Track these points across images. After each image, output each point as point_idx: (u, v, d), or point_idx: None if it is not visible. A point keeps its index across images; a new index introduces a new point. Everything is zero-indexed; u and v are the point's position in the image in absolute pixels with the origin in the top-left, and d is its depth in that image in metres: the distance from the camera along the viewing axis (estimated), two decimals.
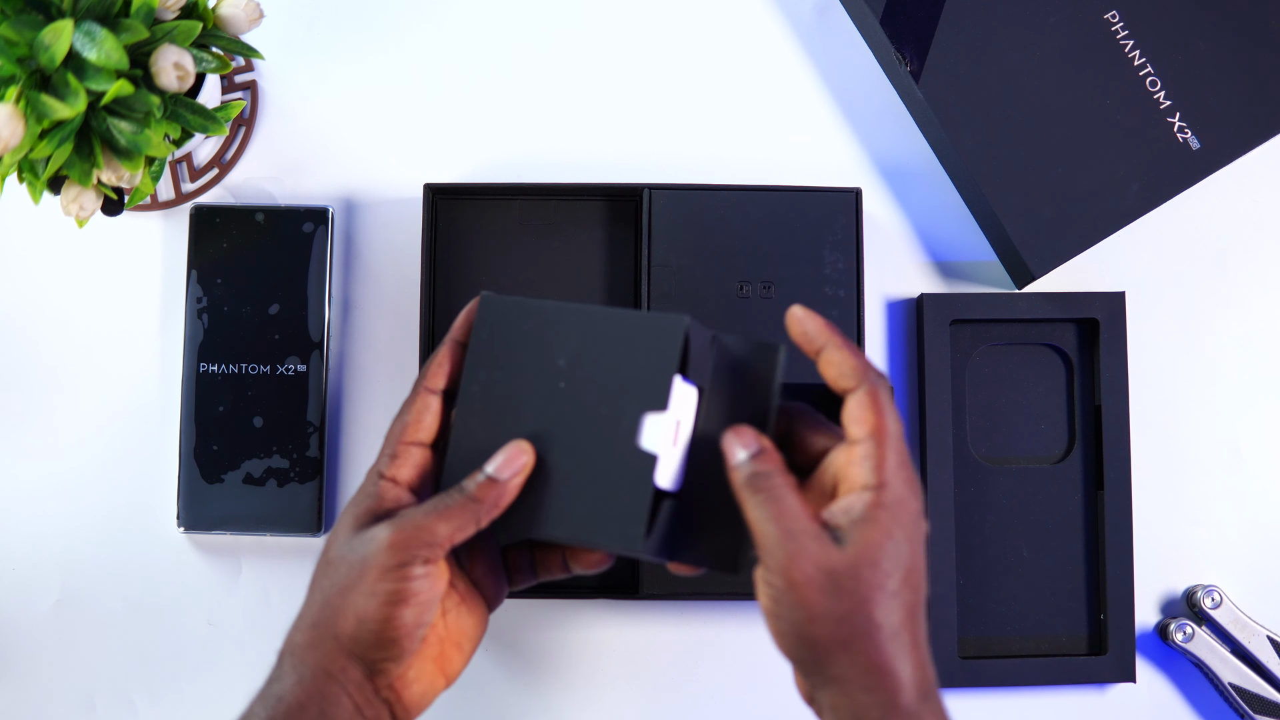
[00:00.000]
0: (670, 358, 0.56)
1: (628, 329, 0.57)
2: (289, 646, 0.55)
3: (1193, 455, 0.75)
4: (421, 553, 0.53)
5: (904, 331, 0.75)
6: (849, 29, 0.77)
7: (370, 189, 0.75)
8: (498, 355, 0.58)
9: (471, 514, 0.55)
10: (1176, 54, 0.73)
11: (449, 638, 0.57)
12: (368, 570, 0.53)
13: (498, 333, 0.58)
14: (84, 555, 0.72)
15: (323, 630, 0.54)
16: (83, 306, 0.74)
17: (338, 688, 0.54)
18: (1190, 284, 0.76)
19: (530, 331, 0.58)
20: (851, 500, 0.52)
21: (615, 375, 0.57)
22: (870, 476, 0.52)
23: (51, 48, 0.55)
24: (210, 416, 0.72)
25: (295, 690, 0.54)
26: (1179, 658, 0.74)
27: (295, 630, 0.56)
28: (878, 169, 0.76)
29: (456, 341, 0.59)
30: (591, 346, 0.57)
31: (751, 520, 0.53)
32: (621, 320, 0.57)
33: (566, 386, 0.57)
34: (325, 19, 0.76)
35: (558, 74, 0.76)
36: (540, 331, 0.58)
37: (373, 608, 0.53)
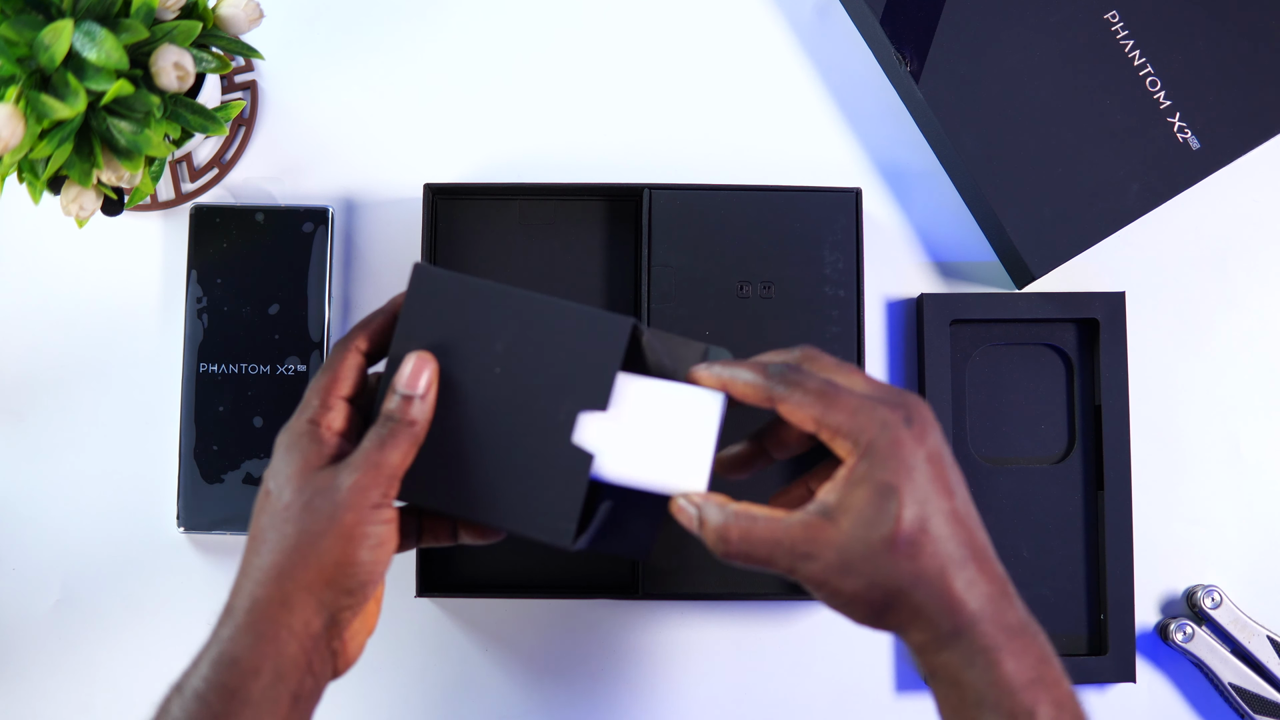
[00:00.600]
0: (613, 358, 0.56)
1: (572, 323, 0.57)
2: (246, 603, 0.53)
3: (1193, 455, 0.75)
4: (388, 489, 0.54)
5: (904, 331, 0.75)
6: (849, 29, 0.77)
7: (370, 189, 0.75)
8: (430, 329, 0.58)
9: (408, 436, 0.55)
10: (1176, 54, 0.73)
11: None
12: (342, 514, 0.53)
13: (431, 306, 0.58)
14: (84, 556, 0.72)
15: (293, 581, 0.53)
16: (83, 306, 0.74)
17: (296, 645, 0.53)
18: (1190, 284, 0.76)
19: (467, 311, 0.58)
20: (838, 473, 0.53)
21: (555, 369, 0.56)
22: (844, 445, 0.52)
23: (51, 48, 0.55)
24: (210, 417, 0.72)
25: (250, 652, 0.52)
26: (1179, 658, 0.74)
27: (253, 584, 0.54)
28: (878, 169, 0.76)
29: (393, 313, 0.59)
30: (532, 336, 0.57)
31: (751, 564, 0.53)
32: (566, 313, 0.57)
33: (502, 373, 0.57)
34: (325, 19, 0.76)
35: (558, 74, 0.76)
36: (477, 312, 0.57)
37: (351, 551, 0.53)
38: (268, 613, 0.53)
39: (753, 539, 0.53)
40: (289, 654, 0.53)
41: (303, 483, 0.54)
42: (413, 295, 0.58)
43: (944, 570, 0.51)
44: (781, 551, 0.52)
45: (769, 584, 0.72)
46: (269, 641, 0.53)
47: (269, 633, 0.53)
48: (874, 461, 0.52)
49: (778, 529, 0.52)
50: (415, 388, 0.56)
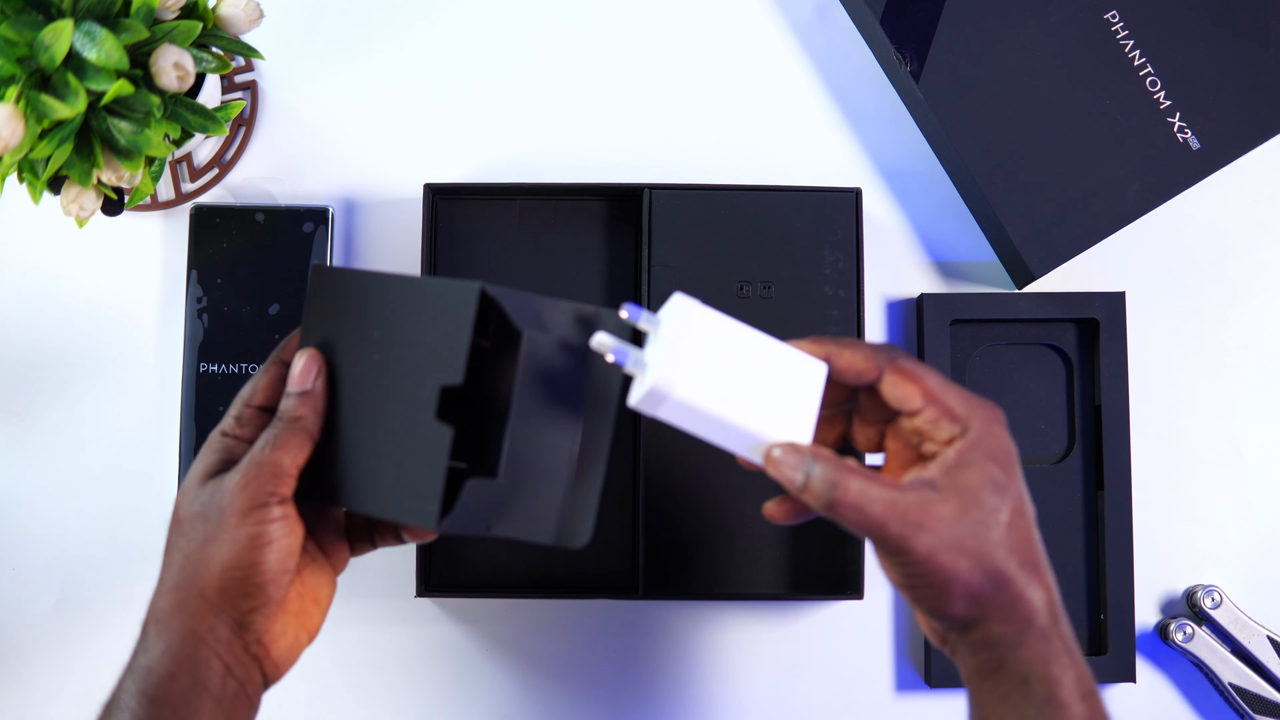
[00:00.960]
0: (464, 327, 0.53)
1: (428, 298, 0.55)
2: (152, 615, 0.55)
3: (1193, 455, 0.75)
4: (272, 488, 0.54)
5: (904, 331, 0.75)
6: (849, 29, 0.77)
7: (370, 189, 0.75)
8: (326, 325, 0.58)
9: (300, 434, 0.55)
10: (1176, 54, 0.72)
11: (307, 593, 0.57)
12: (225, 518, 0.54)
13: (327, 303, 0.58)
14: (84, 555, 0.72)
15: (188, 590, 0.54)
16: (83, 306, 0.74)
17: (207, 650, 0.54)
18: (1190, 284, 0.76)
19: (352, 302, 0.57)
20: (946, 452, 0.52)
21: (420, 346, 0.55)
22: (951, 426, 0.52)
23: (51, 48, 0.55)
24: (210, 416, 0.72)
25: (164, 660, 0.53)
26: (1179, 658, 0.73)
27: (157, 597, 0.55)
28: (878, 169, 0.76)
29: None
30: (399, 316, 0.56)
31: (856, 527, 0.51)
32: (421, 289, 0.56)
33: (380, 358, 0.56)
34: (326, 19, 0.76)
35: (558, 74, 0.76)
36: (360, 302, 0.57)
37: (236, 553, 0.53)
38: (173, 623, 0.54)
39: (869, 498, 0.51)
40: (201, 658, 0.54)
41: (196, 492, 0.55)
42: (310, 296, 0.58)
43: (1040, 566, 0.52)
44: (895, 516, 0.51)
45: (769, 584, 0.72)
46: (179, 648, 0.54)
47: (176, 641, 0.54)
48: (984, 450, 0.52)
49: (895, 493, 0.51)
50: (303, 384, 0.56)
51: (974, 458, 0.52)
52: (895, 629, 0.73)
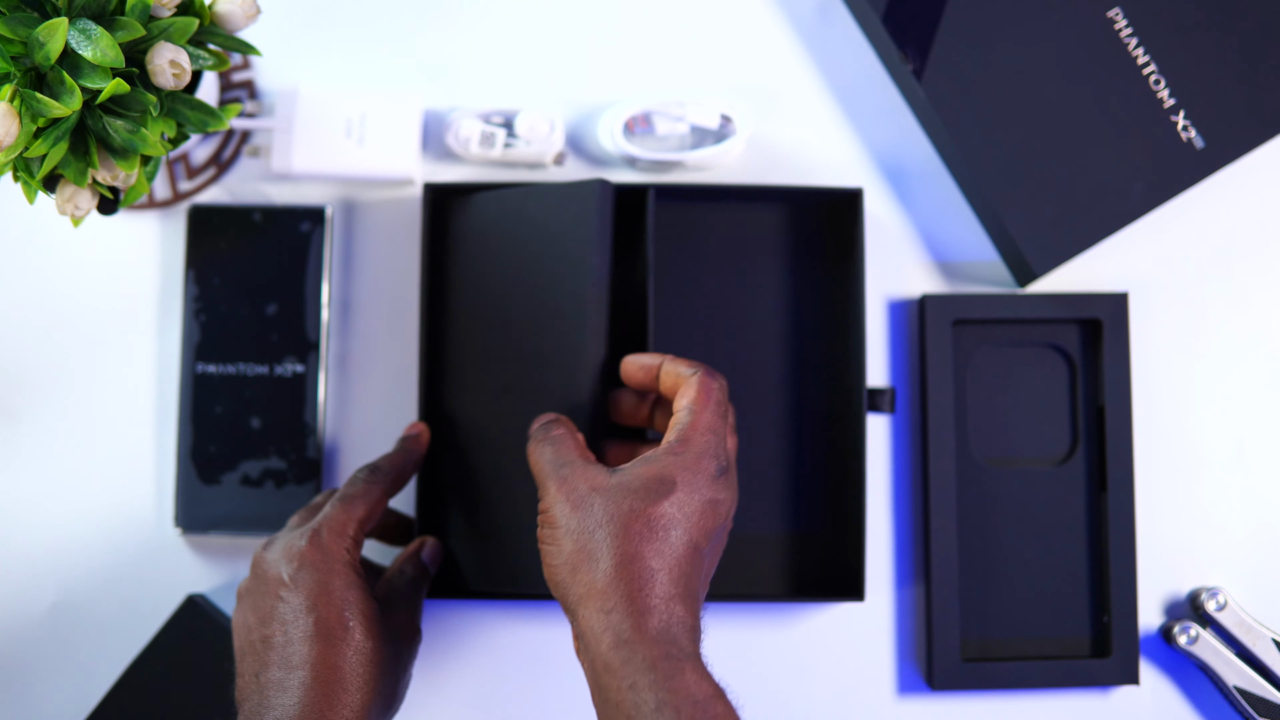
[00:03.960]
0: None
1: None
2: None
3: (1196, 456, 0.74)
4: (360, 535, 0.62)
5: (906, 332, 0.74)
6: (851, 28, 0.76)
7: (369, 189, 0.74)
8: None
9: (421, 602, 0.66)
10: (1180, 52, 0.72)
11: None
12: (408, 668, 0.62)
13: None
14: (80, 557, 0.72)
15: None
16: (79, 306, 0.73)
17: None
18: (1194, 284, 0.75)
19: None
20: (653, 450, 0.56)
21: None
22: (673, 435, 0.57)
23: (47, 45, 0.55)
24: (207, 417, 0.71)
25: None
26: (1183, 660, 0.73)
27: None
28: (880, 168, 0.75)
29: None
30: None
31: (530, 462, 0.58)
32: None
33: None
34: (323, 16, 0.76)
35: (557, 73, 0.76)
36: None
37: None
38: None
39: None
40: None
41: (382, 628, 0.59)
42: None
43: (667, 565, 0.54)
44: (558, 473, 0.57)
45: (770, 586, 0.72)
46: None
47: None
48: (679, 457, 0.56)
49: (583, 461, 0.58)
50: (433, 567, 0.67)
51: (669, 464, 0.55)
52: (897, 631, 0.73)
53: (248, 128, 0.73)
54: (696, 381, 0.58)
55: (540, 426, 0.60)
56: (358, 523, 0.61)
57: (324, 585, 0.58)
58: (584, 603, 0.52)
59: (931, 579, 0.71)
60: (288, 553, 0.59)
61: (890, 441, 0.74)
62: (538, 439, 0.59)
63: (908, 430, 0.74)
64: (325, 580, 0.58)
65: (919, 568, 0.73)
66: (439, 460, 0.68)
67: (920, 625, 0.73)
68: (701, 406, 0.57)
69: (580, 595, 0.52)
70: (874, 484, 0.73)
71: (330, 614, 0.57)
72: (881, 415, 0.74)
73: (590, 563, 0.52)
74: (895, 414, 0.74)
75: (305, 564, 0.58)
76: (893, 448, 0.74)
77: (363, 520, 0.61)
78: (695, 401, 0.57)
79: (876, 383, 0.74)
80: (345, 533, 0.60)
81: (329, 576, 0.58)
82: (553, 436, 0.58)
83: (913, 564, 0.73)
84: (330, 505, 0.61)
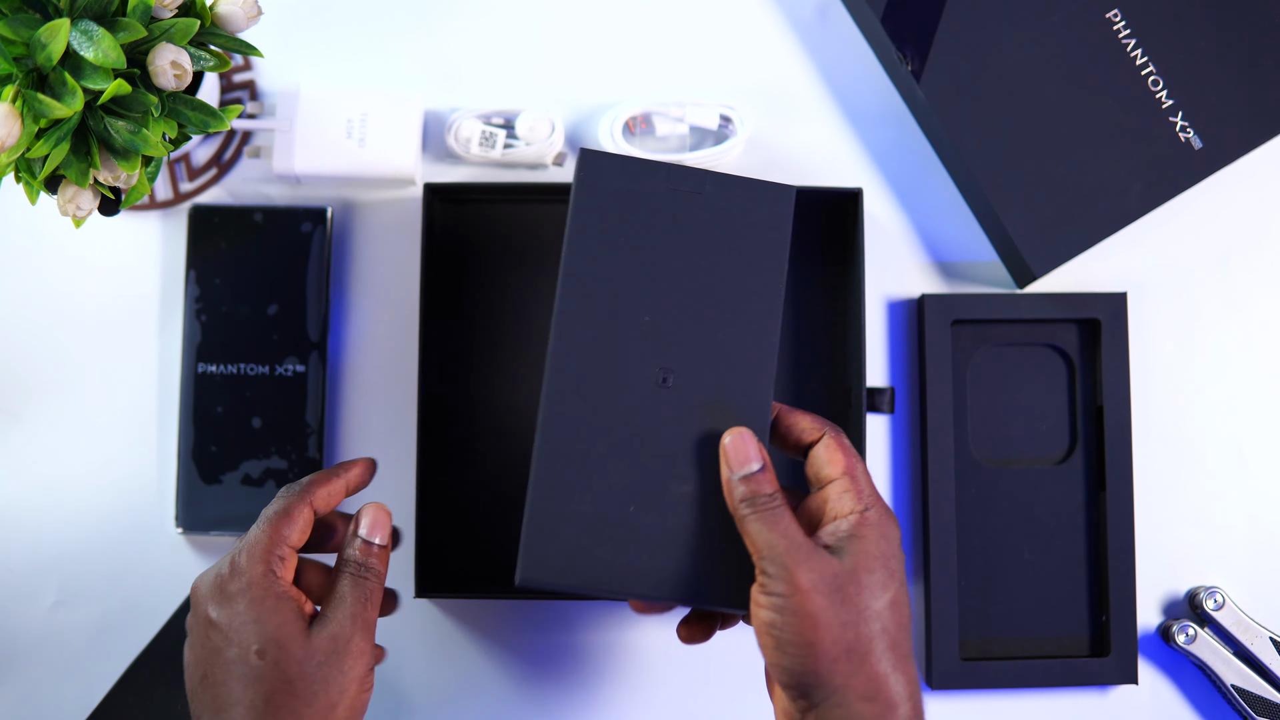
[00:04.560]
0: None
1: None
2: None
3: (1195, 456, 0.75)
4: (372, 645, 0.58)
5: (905, 332, 0.75)
6: (850, 29, 0.76)
7: (370, 189, 0.75)
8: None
9: (380, 586, 0.59)
10: (1178, 53, 0.72)
11: None
12: (348, 682, 0.56)
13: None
14: (82, 557, 0.72)
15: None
16: (80, 306, 0.73)
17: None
18: (1192, 284, 0.76)
19: None
20: (839, 523, 0.55)
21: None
22: (854, 503, 0.55)
23: (48, 46, 0.55)
24: (209, 417, 0.71)
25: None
26: (1181, 659, 0.73)
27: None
28: (879, 169, 0.76)
29: (343, 484, 0.62)
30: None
31: (751, 534, 0.54)
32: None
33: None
34: (324, 17, 0.76)
35: (557, 74, 0.76)
36: None
37: (356, 713, 0.57)
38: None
39: (783, 516, 0.54)
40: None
41: (301, 653, 0.55)
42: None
43: (908, 658, 0.54)
44: (792, 543, 0.54)
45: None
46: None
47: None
48: (880, 531, 0.55)
49: (800, 531, 0.54)
50: (384, 537, 0.60)
51: (870, 534, 0.54)
52: None
53: (249, 128, 0.74)
54: (834, 445, 0.57)
55: (762, 497, 0.55)
56: (280, 541, 0.57)
57: (244, 617, 0.56)
58: (842, 692, 0.52)
59: (930, 578, 0.71)
60: (213, 585, 0.57)
61: (889, 441, 0.74)
62: (762, 511, 0.54)
63: (907, 430, 0.74)
64: (246, 611, 0.56)
65: (918, 567, 0.73)
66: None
67: (919, 624, 0.73)
68: (853, 468, 0.56)
69: (838, 685, 0.52)
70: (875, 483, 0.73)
71: (248, 648, 0.55)
72: (881, 415, 0.74)
73: (851, 655, 0.52)
74: (894, 414, 0.74)
75: (226, 596, 0.56)
76: (892, 448, 0.74)
77: (286, 537, 0.58)
78: (848, 467, 0.56)
79: (876, 382, 0.74)
80: (269, 553, 0.57)
81: (249, 606, 0.56)
82: (776, 510, 0.54)
83: (912, 563, 0.73)
84: (254, 527, 0.58)
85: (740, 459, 0.55)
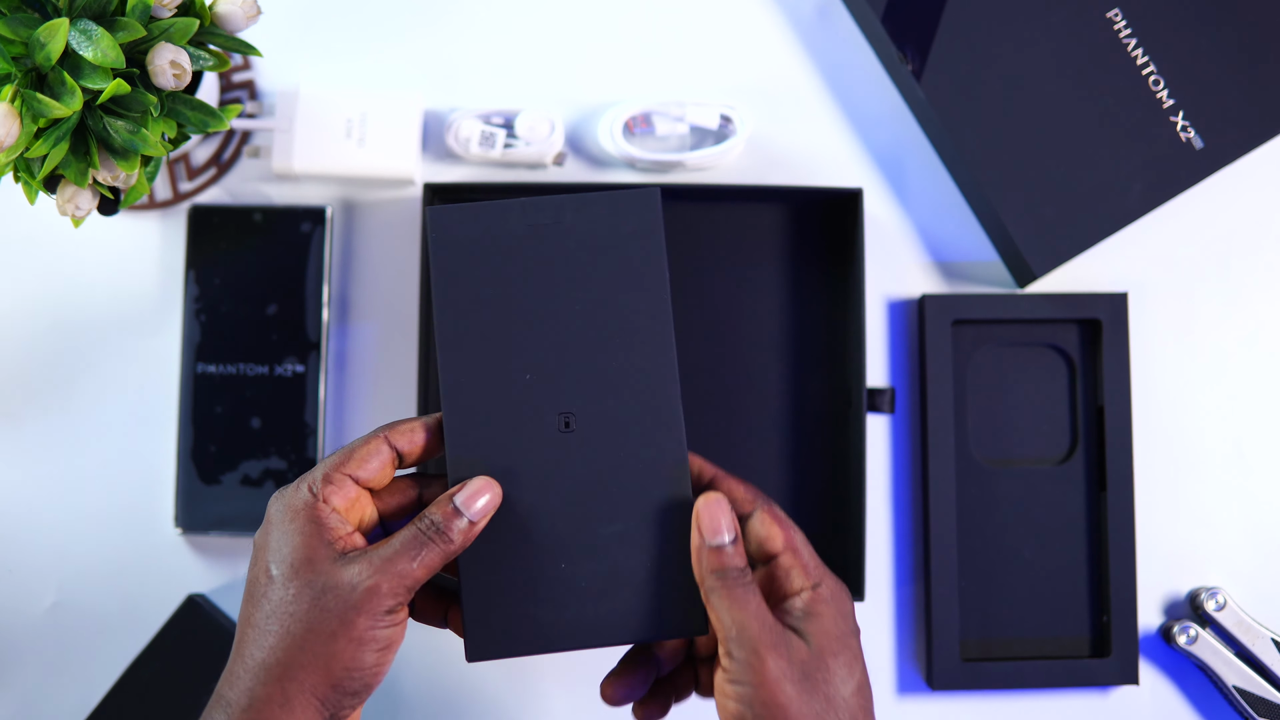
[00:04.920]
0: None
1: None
2: (244, 699, 0.50)
3: (1196, 456, 0.75)
4: (404, 598, 0.51)
5: (905, 332, 0.74)
6: (850, 28, 0.76)
7: (369, 189, 0.74)
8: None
9: (442, 553, 0.52)
10: (1179, 52, 0.72)
11: None
12: (354, 618, 0.50)
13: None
14: (81, 557, 0.72)
15: (298, 683, 0.50)
16: (79, 307, 0.73)
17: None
18: (1193, 284, 0.76)
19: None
20: (793, 601, 0.53)
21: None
22: (803, 579, 0.53)
23: (47, 46, 0.55)
24: (208, 417, 0.71)
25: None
26: (1182, 660, 0.73)
27: (255, 681, 0.51)
28: (879, 168, 0.75)
29: (434, 428, 0.56)
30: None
31: (718, 611, 0.52)
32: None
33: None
34: (324, 17, 0.76)
35: (557, 74, 0.76)
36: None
37: (365, 656, 0.50)
38: (266, 712, 0.50)
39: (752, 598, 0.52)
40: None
41: (310, 575, 0.51)
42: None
43: None
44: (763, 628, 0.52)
45: None
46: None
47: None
48: (836, 607, 0.53)
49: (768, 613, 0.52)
50: (478, 514, 0.53)
51: (826, 611, 0.53)
52: (897, 631, 0.73)
53: (248, 128, 0.74)
54: (770, 519, 0.55)
55: (733, 571, 0.52)
56: (338, 466, 0.53)
57: (272, 536, 0.52)
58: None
59: (931, 579, 0.71)
60: (268, 510, 0.54)
61: (890, 442, 0.74)
62: (732, 586, 0.52)
63: (907, 430, 0.74)
64: (275, 529, 0.52)
65: (919, 568, 0.73)
66: None
67: (920, 625, 0.73)
68: (793, 541, 0.54)
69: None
70: (874, 484, 0.73)
71: (263, 568, 0.52)
72: (881, 415, 0.74)
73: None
74: (895, 414, 0.74)
75: (268, 518, 0.53)
76: (892, 448, 0.74)
77: (344, 464, 0.53)
78: (787, 540, 0.54)
79: (876, 383, 0.74)
80: (322, 478, 0.52)
81: (279, 524, 0.52)
82: (746, 586, 0.52)
83: (912, 564, 0.73)
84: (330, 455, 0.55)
85: (713, 528, 0.53)
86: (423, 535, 0.52)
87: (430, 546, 0.52)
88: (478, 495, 0.53)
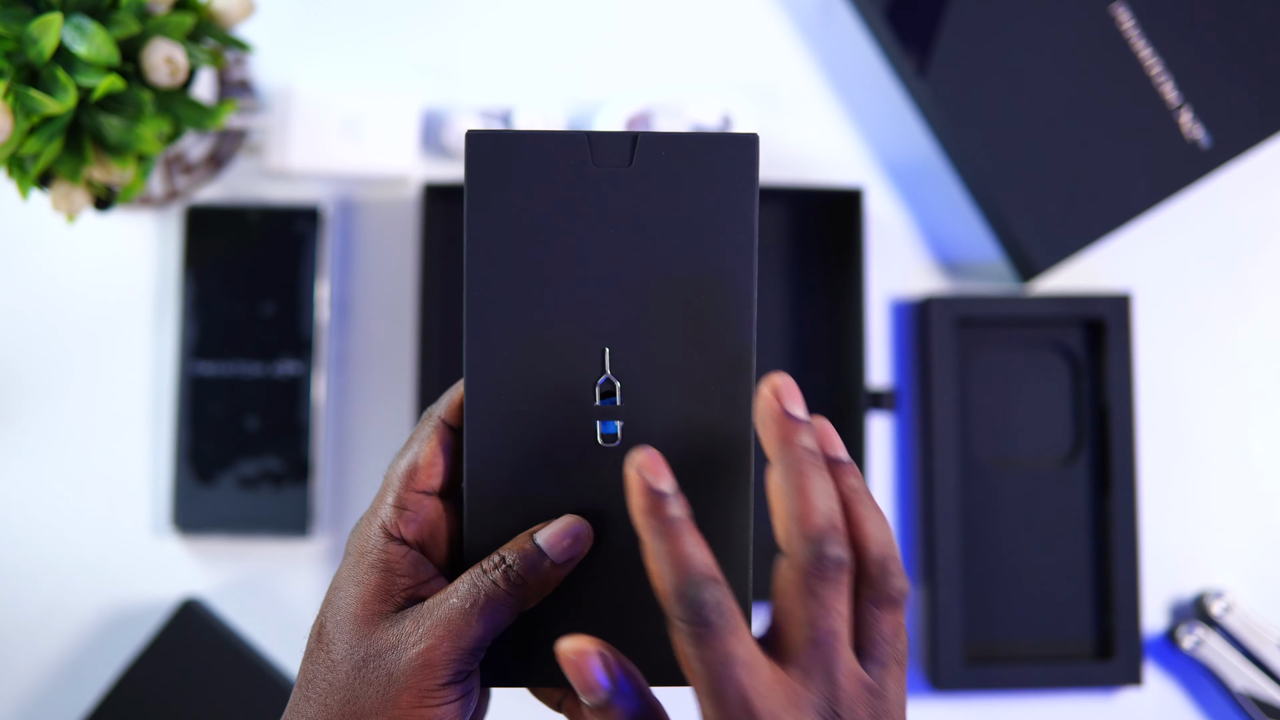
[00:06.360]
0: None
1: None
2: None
3: (1201, 457, 0.74)
4: (466, 665, 0.42)
5: (909, 332, 0.74)
6: (853, 25, 0.76)
7: (366, 187, 0.74)
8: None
9: (516, 603, 0.42)
10: (1184, 49, 0.72)
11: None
12: (398, 694, 0.41)
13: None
14: (76, 558, 0.71)
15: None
16: (74, 305, 0.73)
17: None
18: (1198, 283, 0.75)
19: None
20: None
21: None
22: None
23: (40, 42, 0.54)
24: (204, 418, 0.71)
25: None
26: (1187, 662, 0.73)
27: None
28: (882, 166, 0.75)
29: None
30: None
31: (703, 670, 0.39)
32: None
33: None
34: (320, 14, 0.75)
35: (556, 71, 0.75)
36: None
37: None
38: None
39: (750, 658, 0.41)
40: None
41: (358, 636, 0.42)
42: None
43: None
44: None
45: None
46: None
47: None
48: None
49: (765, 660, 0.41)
50: (564, 555, 0.43)
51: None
52: None
53: (244, 125, 0.73)
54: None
55: (709, 609, 0.39)
56: (395, 488, 0.44)
57: (333, 585, 0.44)
58: None
59: (935, 580, 0.71)
60: (350, 538, 0.45)
61: (893, 442, 0.73)
62: (704, 631, 0.38)
63: (911, 431, 0.73)
64: (338, 578, 0.44)
65: (922, 569, 0.72)
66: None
67: (924, 626, 0.72)
68: None
69: None
70: (877, 484, 0.73)
71: (317, 626, 0.44)
72: (884, 415, 0.73)
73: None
74: (898, 414, 0.74)
75: (347, 557, 0.44)
76: (896, 448, 0.73)
77: (406, 480, 0.44)
78: None
79: (879, 383, 0.74)
80: (383, 507, 0.44)
81: (342, 573, 0.44)
82: (733, 629, 0.39)
83: (916, 565, 0.73)
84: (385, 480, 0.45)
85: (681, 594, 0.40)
86: (490, 582, 0.42)
87: (499, 596, 0.42)
88: (565, 534, 0.43)
